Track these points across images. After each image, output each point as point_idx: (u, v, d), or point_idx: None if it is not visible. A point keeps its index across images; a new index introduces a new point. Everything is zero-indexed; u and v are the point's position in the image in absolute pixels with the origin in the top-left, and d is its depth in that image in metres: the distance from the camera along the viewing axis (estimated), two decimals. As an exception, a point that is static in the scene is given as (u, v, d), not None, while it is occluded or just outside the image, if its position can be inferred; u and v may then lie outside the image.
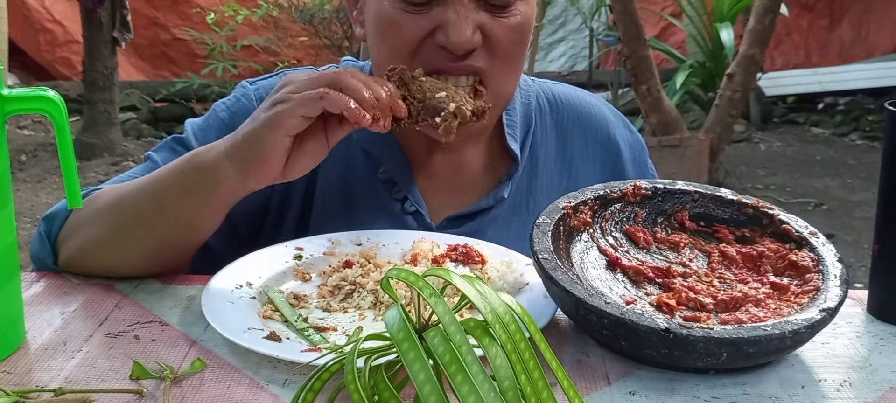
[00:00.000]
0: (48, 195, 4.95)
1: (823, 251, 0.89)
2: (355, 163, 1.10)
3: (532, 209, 1.12)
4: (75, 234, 0.98)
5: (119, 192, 0.99)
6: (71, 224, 0.99)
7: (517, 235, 1.07)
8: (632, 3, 4.28)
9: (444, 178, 1.12)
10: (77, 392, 0.72)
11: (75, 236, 0.98)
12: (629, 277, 0.90)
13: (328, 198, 1.10)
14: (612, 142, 1.19)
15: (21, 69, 6.91)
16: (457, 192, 1.12)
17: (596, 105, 1.22)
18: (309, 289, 0.94)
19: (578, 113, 1.19)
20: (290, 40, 6.23)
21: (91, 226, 0.97)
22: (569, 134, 1.18)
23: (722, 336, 0.74)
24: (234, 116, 1.10)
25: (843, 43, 7.49)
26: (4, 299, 0.79)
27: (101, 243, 0.96)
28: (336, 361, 0.65)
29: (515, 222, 1.12)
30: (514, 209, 1.13)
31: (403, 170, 1.10)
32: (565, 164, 1.17)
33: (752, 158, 5.96)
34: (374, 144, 1.10)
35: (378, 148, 1.10)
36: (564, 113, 1.19)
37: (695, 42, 5.97)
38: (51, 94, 0.78)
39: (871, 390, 0.76)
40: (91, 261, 0.97)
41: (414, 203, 1.09)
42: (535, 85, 1.20)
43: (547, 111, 1.18)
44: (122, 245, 0.96)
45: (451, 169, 1.13)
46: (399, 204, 1.10)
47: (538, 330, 0.65)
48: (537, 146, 1.15)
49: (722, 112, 4.49)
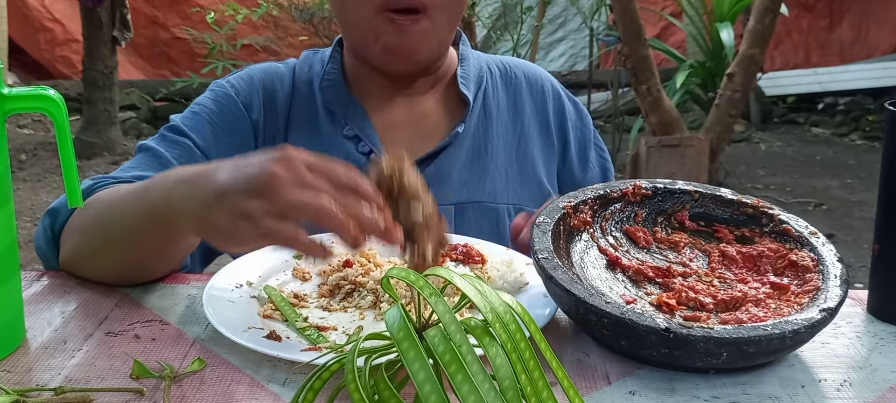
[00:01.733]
0: (48, 194, 4.95)
1: (823, 251, 0.89)
2: (321, 124, 1.19)
3: (490, 152, 1.21)
4: (70, 239, 0.98)
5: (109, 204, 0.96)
6: (70, 226, 0.99)
7: (479, 175, 1.19)
8: (632, 3, 4.27)
9: (405, 128, 1.21)
10: (77, 391, 0.72)
11: (70, 240, 0.98)
12: (629, 277, 0.90)
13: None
14: (556, 103, 1.30)
15: (21, 68, 6.91)
16: (418, 141, 1.20)
17: (541, 71, 1.34)
18: (309, 289, 0.94)
19: (526, 74, 1.31)
20: (289, 39, 6.22)
21: (82, 236, 0.97)
22: (518, 89, 1.28)
23: (722, 335, 0.74)
24: (221, 106, 1.17)
25: (842, 43, 7.49)
26: (4, 298, 0.79)
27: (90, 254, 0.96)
28: (336, 360, 0.65)
29: (476, 165, 1.20)
30: (474, 153, 1.21)
31: (365, 127, 1.18)
32: (517, 115, 1.26)
33: (752, 158, 5.96)
34: (337, 104, 1.19)
35: (341, 107, 1.19)
36: (512, 74, 1.30)
37: (695, 42, 5.96)
38: (51, 93, 0.78)
39: (871, 390, 0.76)
40: (84, 269, 0.97)
41: (379, 154, 1.16)
42: (487, 56, 1.32)
43: (497, 73, 1.29)
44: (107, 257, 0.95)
45: (410, 119, 1.22)
46: (365, 157, 1.16)
47: (538, 329, 0.65)
48: (489, 99, 1.25)
49: (722, 112, 4.48)
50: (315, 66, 1.24)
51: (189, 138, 1.13)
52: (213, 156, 1.12)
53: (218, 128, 1.16)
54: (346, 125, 1.18)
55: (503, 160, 1.21)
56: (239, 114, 1.18)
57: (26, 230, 4.30)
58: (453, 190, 1.17)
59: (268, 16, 5.92)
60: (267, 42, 6.15)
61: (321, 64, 1.24)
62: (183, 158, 1.11)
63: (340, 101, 1.19)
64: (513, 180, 1.21)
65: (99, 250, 0.95)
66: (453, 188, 1.17)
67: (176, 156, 1.11)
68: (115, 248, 0.93)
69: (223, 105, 1.17)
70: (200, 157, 1.12)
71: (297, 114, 1.20)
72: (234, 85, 1.20)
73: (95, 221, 0.95)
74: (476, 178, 1.19)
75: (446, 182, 1.17)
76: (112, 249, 0.93)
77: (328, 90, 1.20)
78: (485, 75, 1.26)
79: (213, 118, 1.16)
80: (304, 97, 1.21)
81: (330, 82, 1.21)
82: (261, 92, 1.19)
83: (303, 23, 5.89)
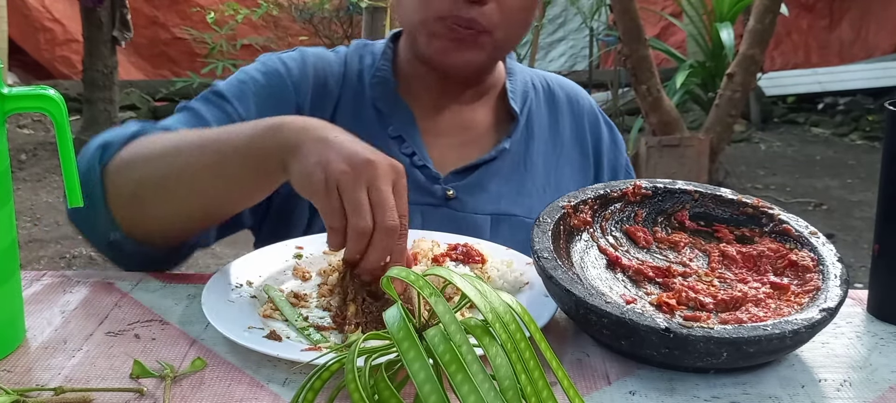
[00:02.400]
0: (48, 194, 4.95)
1: (823, 251, 0.89)
2: (367, 119, 1.18)
3: (529, 168, 1.22)
4: (127, 174, 0.98)
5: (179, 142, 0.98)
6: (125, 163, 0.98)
7: (517, 189, 1.20)
8: (632, 3, 4.27)
9: (450, 135, 1.21)
10: (77, 390, 0.72)
11: (127, 176, 0.98)
12: (629, 277, 0.90)
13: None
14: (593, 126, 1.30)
15: (21, 68, 6.91)
16: (461, 149, 1.20)
17: (582, 92, 1.34)
18: (309, 288, 0.94)
19: (567, 93, 1.31)
20: (289, 39, 6.22)
21: (147, 169, 0.97)
22: (560, 108, 1.29)
23: (722, 335, 0.74)
24: (269, 80, 1.16)
25: (842, 43, 7.49)
26: (4, 297, 0.79)
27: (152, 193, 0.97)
28: (336, 360, 0.65)
29: (514, 178, 1.21)
30: (513, 166, 1.21)
31: (411, 128, 1.18)
32: (557, 134, 1.27)
33: (752, 158, 5.96)
34: (385, 102, 1.19)
35: (389, 106, 1.19)
36: (554, 92, 1.30)
37: (695, 42, 5.96)
38: (51, 93, 0.78)
39: (871, 390, 0.76)
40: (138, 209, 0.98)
41: (421, 158, 1.16)
42: (531, 71, 1.32)
43: (541, 90, 1.29)
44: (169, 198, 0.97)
45: (455, 127, 1.21)
46: (408, 158, 1.16)
47: (538, 329, 0.65)
48: (533, 115, 1.25)
49: (722, 112, 4.48)
50: (366, 59, 1.23)
51: (231, 105, 1.12)
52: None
53: (262, 101, 1.14)
54: (392, 125, 1.18)
55: (541, 176, 1.22)
56: (286, 93, 1.16)
57: (26, 230, 4.31)
58: (491, 201, 1.17)
59: (268, 16, 5.92)
60: (267, 42, 6.15)
61: (372, 58, 1.23)
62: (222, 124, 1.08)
63: (388, 100, 1.19)
64: (549, 197, 1.20)
65: (164, 189, 0.95)
66: (491, 199, 1.18)
67: (215, 119, 1.10)
68: (185, 186, 0.94)
69: (271, 80, 1.16)
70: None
71: (344, 105, 1.19)
72: (285, 63, 1.18)
73: (162, 158, 0.96)
74: (514, 192, 1.19)
75: (484, 192, 1.17)
76: (181, 186, 0.95)
77: (378, 87, 1.19)
78: (530, 91, 1.26)
79: (260, 91, 1.14)
80: (353, 89, 1.20)
81: (380, 79, 1.20)
82: (313, 77, 1.18)
83: (303, 23, 5.89)
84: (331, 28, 5.90)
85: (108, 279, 0.98)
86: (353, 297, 0.85)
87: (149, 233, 1.00)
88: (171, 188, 0.96)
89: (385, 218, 0.81)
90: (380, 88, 1.19)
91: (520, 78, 1.26)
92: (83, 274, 0.99)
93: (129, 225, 0.99)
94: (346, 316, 0.84)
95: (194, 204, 0.97)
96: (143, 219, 0.99)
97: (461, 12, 1.07)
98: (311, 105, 1.17)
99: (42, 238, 4.21)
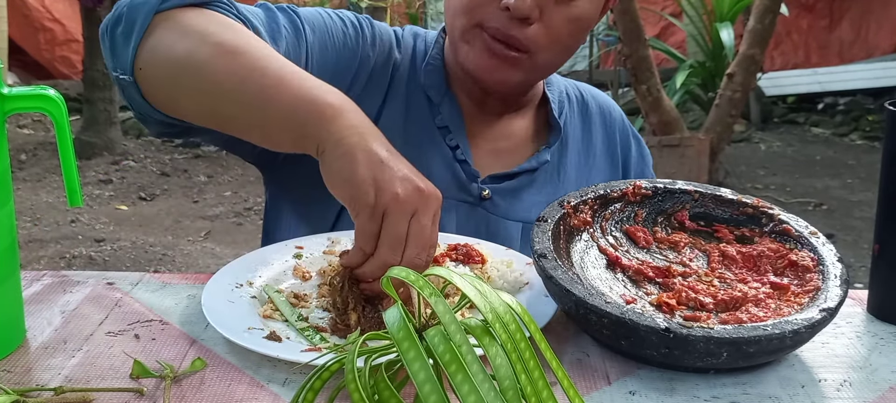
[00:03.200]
0: (48, 194, 4.95)
1: (823, 251, 0.89)
2: (417, 104, 1.18)
3: (562, 179, 1.22)
4: (179, 35, 0.93)
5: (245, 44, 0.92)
6: (184, 21, 0.94)
7: (549, 199, 1.15)
8: (632, 3, 4.28)
9: (490, 140, 1.21)
10: (77, 390, 0.72)
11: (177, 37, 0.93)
12: (629, 277, 0.90)
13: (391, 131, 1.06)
14: (623, 138, 1.31)
15: (21, 68, 6.92)
16: (500, 155, 1.21)
17: (613, 103, 1.35)
18: (309, 289, 0.94)
19: (599, 104, 1.32)
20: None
21: (196, 44, 0.92)
22: (592, 119, 1.29)
23: (722, 335, 0.74)
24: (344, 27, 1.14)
25: (842, 43, 7.50)
26: (4, 297, 0.79)
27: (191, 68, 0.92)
28: (336, 360, 0.65)
29: (547, 188, 1.21)
30: (548, 177, 1.21)
31: (457, 122, 1.18)
32: (589, 145, 1.28)
33: (752, 158, 5.96)
34: (436, 92, 1.19)
35: (439, 96, 1.18)
36: (587, 103, 1.31)
37: (695, 42, 5.97)
38: (51, 93, 0.78)
39: (871, 390, 0.76)
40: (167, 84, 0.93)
41: (464, 153, 1.17)
42: (565, 81, 1.33)
43: (575, 100, 1.30)
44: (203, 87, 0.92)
45: (496, 132, 1.22)
46: (451, 150, 1.17)
47: (538, 329, 0.65)
48: (567, 126, 1.25)
49: (722, 112, 4.49)
50: (419, 45, 1.23)
51: (304, 32, 1.09)
52: (313, 63, 1.08)
53: (329, 43, 1.12)
54: (440, 115, 1.18)
55: (573, 186, 1.21)
56: (356, 45, 1.14)
57: (26, 230, 4.31)
58: (523, 208, 1.18)
59: (268, 16, 5.91)
60: (267, 42, 6.13)
61: (425, 45, 1.23)
62: (289, 43, 1.06)
63: (439, 90, 1.19)
64: None
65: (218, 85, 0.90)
66: (523, 207, 1.18)
67: (287, 36, 1.06)
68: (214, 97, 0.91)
69: (348, 31, 1.14)
70: (299, 57, 1.07)
71: (398, 83, 1.18)
72: (362, 23, 1.17)
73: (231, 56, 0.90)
74: (546, 202, 1.15)
75: (518, 200, 1.18)
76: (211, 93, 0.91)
77: (430, 74, 1.19)
78: (564, 101, 1.27)
79: (336, 38, 1.12)
80: (407, 71, 1.19)
81: (433, 68, 1.19)
82: (379, 46, 1.17)
83: (303, 23, 5.88)
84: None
85: (108, 279, 0.98)
86: (353, 306, 0.85)
87: (158, 101, 0.96)
88: (203, 88, 0.91)
89: (416, 256, 0.82)
90: (432, 76, 1.19)
91: (556, 88, 1.27)
92: (83, 274, 0.99)
93: (147, 86, 0.95)
94: (349, 324, 0.84)
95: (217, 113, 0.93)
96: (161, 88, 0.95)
97: (505, 28, 1.05)
98: (372, 72, 1.15)
99: (42, 238, 4.21)
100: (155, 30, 0.93)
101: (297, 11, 1.11)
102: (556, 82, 1.28)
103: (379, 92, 1.16)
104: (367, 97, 1.14)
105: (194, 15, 0.95)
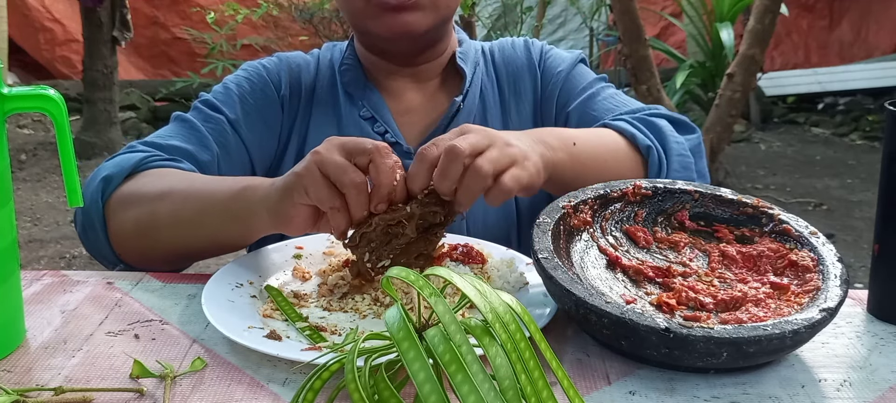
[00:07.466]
0: (48, 194, 4.95)
1: (823, 251, 0.89)
2: (340, 105, 1.28)
3: (489, 125, 1.25)
4: (131, 211, 1.04)
5: (169, 187, 1.04)
6: (128, 198, 1.05)
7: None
8: (632, 3, 4.27)
9: (417, 112, 1.28)
10: (77, 390, 0.72)
11: (129, 212, 1.04)
12: (629, 276, 0.90)
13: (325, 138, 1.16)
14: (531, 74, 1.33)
15: (21, 68, 6.92)
16: (426, 118, 1.27)
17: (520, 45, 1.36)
18: (309, 288, 0.94)
19: (505, 57, 1.34)
20: (290, 40, 6.22)
21: (138, 209, 1.04)
22: (502, 78, 1.33)
23: (722, 335, 0.74)
24: (252, 84, 1.26)
25: (842, 43, 7.50)
26: (4, 297, 0.79)
27: (154, 232, 1.03)
28: (336, 360, 0.65)
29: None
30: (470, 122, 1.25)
31: (381, 108, 1.26)
32: (504, 105, 1.31)
33: (752, 158, 5.96)
34: (355, 87, 1.28)
35: (358, 90, 1.27)
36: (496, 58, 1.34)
37: (695, 42, 5.97)
38: (51, 93, 0.78)
39: (871, 390, 0.76)
40: (138, 245, 1.05)
41: (393, 135, 1.23)
42: (485, 43, 1.38)
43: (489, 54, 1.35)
44: (172, 237, 1.03)
45: (420, 102, 1.28)
46: (380, 137, 1.23)
47: (538, 329, 0.65)
48: (485, 87, 1.30)
49: (722, 112, 4.48)
50: (335, 54, 1.33)
51: (222, 113, 1.21)
52: (244, 129, 1.22)
53: (249, 105, 1.24)
54: (364, 107, 1.26)
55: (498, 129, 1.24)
56: (269, 91, 1.26)
57: (26, 230, 4.31)
58: None
59: (268, 16, 5.92)
60: (267, 42, 6.15)
61: (340, 52, 1.33)
62: (215, 132, 1.19)
63: (358, 85, 1.28)
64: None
65: (167, 228, 1.02)
66: None
67: (210, 130, 1.19)
68: (186, 229, 1.01)
69: (255, 83, 1.26)
70: (231, 133, 1.20)
71: (320, 94, 1.29)
72: (265, 65, 1.30)
73: (166, 201, 1.02)
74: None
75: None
76: (181, 229, 1.02)
77: (347, 73, 1.29)
78: (479, 57, 1.33)
79: (246, 96, 1.24)
80: (327, 80, 1.30)
81: (348, 66, 1.29)
82: (288, 72, 1.29)
83: (303, 23, 5.89)
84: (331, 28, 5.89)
85: (108, 279, 0.98)
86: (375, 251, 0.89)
87: (149, 262, 1.06)
88: (166, 230, 1.02)
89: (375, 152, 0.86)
90: (349, 74, 1.28)
91: (469, 45, 1.32)
92: (83, 274, 0.99)
93: (129, 258, 1.07)
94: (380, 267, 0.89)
95: (189, 247, 1.04)
96: (142, 251, 1.06)
97: None
98: (290, 97, 1.27)
99: (42, 238, 4.21)
100: (111, 218, 1.06)
101: (207, 100, 1.23)
102: (469, 42, 1.33)
103: (304, 113, 1.27)
104: (296, 116, 1.27)
105: (131, 186, 1.07)
